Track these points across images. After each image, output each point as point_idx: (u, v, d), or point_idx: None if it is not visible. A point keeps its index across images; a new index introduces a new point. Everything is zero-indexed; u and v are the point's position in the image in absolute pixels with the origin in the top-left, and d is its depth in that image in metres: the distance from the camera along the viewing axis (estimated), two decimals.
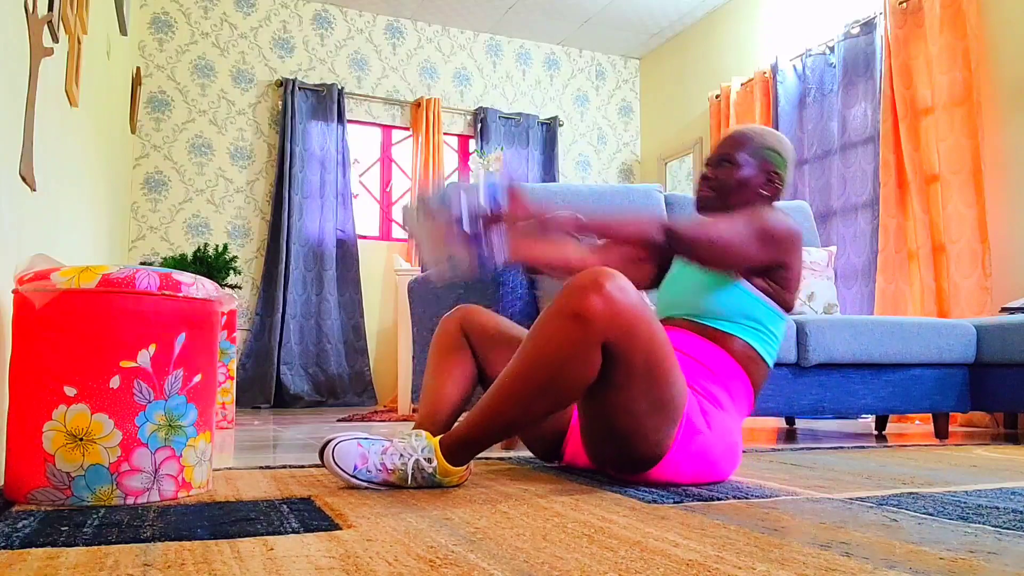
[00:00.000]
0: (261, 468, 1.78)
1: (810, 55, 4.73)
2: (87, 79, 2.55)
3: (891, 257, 4.00)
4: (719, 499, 1.35)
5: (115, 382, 1.29)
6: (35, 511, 1.21)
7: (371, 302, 5.60)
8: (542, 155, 6.11)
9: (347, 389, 5.33)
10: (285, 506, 1.26)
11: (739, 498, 1.36)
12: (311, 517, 1.16)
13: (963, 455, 2.22)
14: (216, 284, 1.48)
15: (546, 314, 1.39)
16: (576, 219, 1.49)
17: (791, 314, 1.64)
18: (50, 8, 1.83)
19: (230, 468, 1.80)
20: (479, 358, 1.73)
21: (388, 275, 5.65)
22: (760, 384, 1.64)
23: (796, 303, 1.67)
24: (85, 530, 1.07)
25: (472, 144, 5.99)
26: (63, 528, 1.08)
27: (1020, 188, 3.60)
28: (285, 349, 5.15)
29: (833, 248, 3.51)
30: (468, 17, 5.86)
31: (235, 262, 4.02)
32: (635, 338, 1.37)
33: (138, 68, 4.70)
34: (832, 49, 4.59)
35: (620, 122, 6.53)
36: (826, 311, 3.25)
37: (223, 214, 5.28)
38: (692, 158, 5.87)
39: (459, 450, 1.43)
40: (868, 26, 4.34)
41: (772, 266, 1.59)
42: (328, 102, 5.48)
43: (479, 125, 5.89)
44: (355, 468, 1.42)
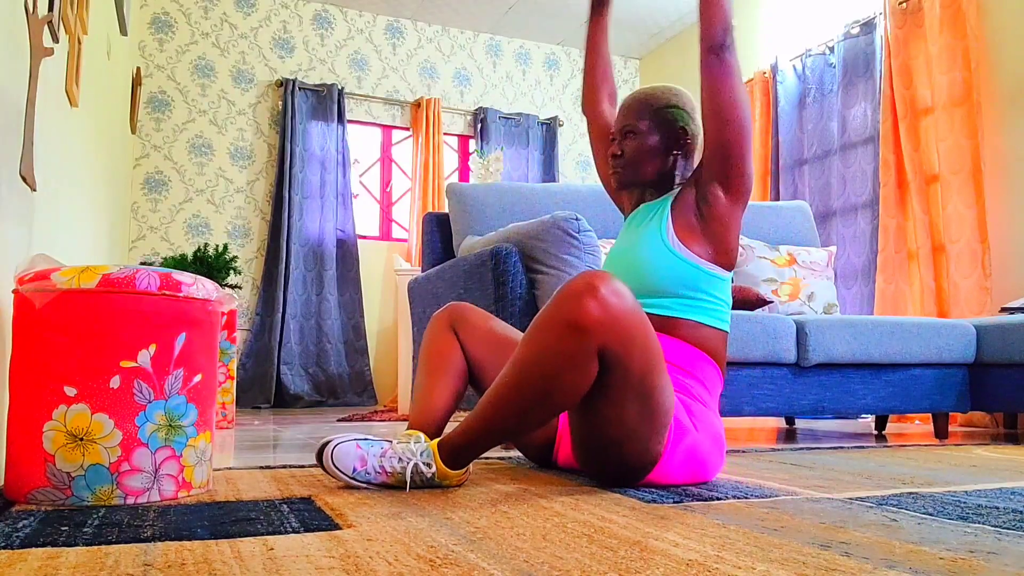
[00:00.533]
0: (261, 468, 1.78)
1: (810, 55, 4.73)
2: (87, 79, 2.55)
3: (891, 257, 4.00)
4: (719, 499, 1.35)
5: (115, 382, 1.29)
6: (35, 511, 1.21)
7: (371, 302, 5.60)
8: (542, 155, 6.11)
9: (347, 389, 5.33)
10: (285, 506, 1.26)
11: (739, 498, 1.36)
12: (311, 517, 1.16)
13: (963, 455, 2.22)
14: (216, 284, 1.48)
15: (541, 321, 1.36)
16: None
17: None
18: (50, 8, 1.83)
19: (230, 468, 1.80)
20: (469, 357, 1.71)
21: (388, 275, 5.65)
22: (723, 354, 1.60)
23: (738, 258, 1.64)
24: (85, 530, 1.07)
25: (472, 144, 5.99)
26: (63, 528, 1.08)
27: (1020, 188, 3.60)
28: (285, 349, 5.15)
29: (833, 248, 3.51)
30: (468, 17, 5.86)
31: (235, 262, 4.02)
32: (632, 345, 1.35)
33: (138, 68, 4.70)
34: (832, 49, 4.59)
35: None
36: (826, 311, 3.25)
37: (223, 214, 5.28)
38: None
39: (457, 454, 1.43)
40: (868, 26, 4.34)
41: (734, 163, 1.53)
42: (328, 102, 5.48)
43: (479, 125, 5.89)
44: (354, 470, 1.42)
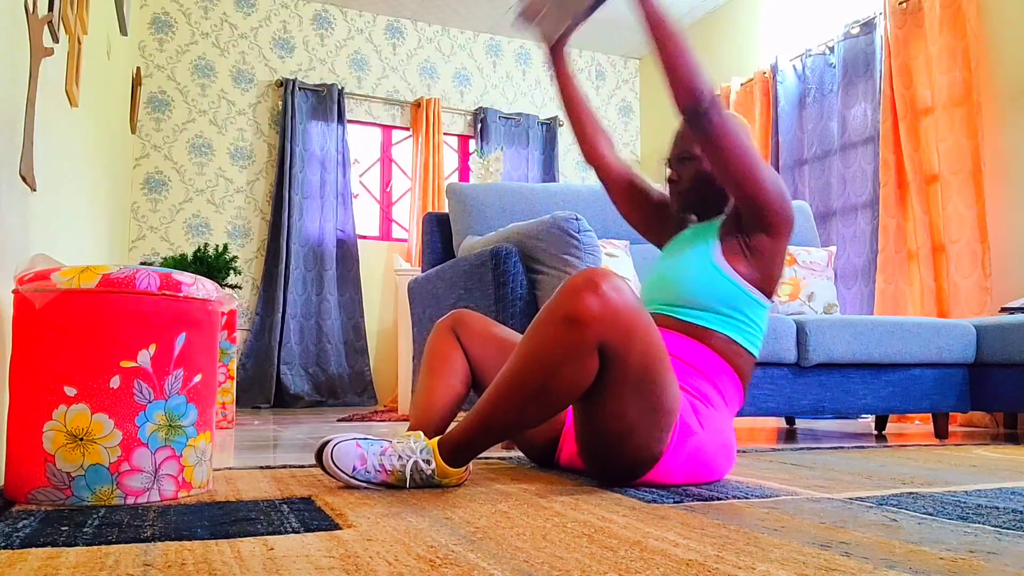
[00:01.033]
0: (261, 468, 1.78)
1: (810, 55, 4.73)
2: (87, 79, 2.55)
3: (891, 257, 4.00)
4: (719, 499, 1.35)
5: (115, 382, 1.29)
6: (35, 511, 1.21)
7: (371, 302, 5.60)
8: (542, 155, 6.11)
9: (347, 389, 5.33)
10: (285, 506, 1.26)
11: (739, 498, 1.36)
12: (311, 517, 1.16)
13: (963, 455, 2.22)
14: (216, 284, 1.48)
15: (541, 316, 1.37)
16: (663, 16, 1.48)
17: (793, 315, 1.65)
18: (50, 8, 1.83)
19: (230, 468, 1.80)
20: (472, 360, 1.73)
21: (388, 275, 5.65)
22: (747, 376, 1.61)
23: (779, 291, 1.66)
24: (85, 530, 1.07)
25: (472, 144, 5.99)
26: (63, 528, 1.08)
27: (1020, 188, 3.60)
28: (285, 349, 5.15)
29: (833, 248, 3.51)
30: (468, 17, 5.86)
31: (235, 262, 4.02)
32: (632, 340, 1.35)
33: (138, 68, 4.70)
34: (832, 49, 4.59)
35: (620, 122, 6.53)
36: (826, 311, 3.25)
37: (223, 214, 5.28)
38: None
39: (457, 452, 1.43)
40: (868, 26, 4.35)
41: (764, 213, 1.53)
42: (328, 102, 5.48)
43: (479, 125, 5.89)
44: (354, 469, 1.42)
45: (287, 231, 5.24)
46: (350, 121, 5.65)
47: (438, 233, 3.14)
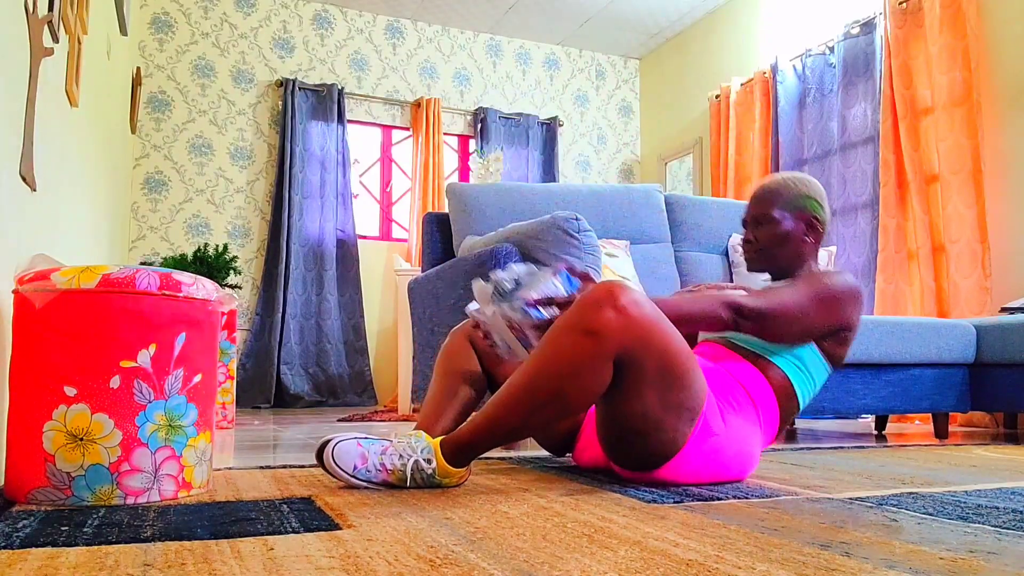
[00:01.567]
0: (261, 468, 1.78)
1: (810, 55, 4.73)
2: (87, 79, 2.55)
3: (891, 257, 4.00)
4: (719, 499, 1.35)
5: (115, 382, 1.29)
6: (35, 511, 1.21)
7: (371, 302, 5.60)
8: (542, 155, 6.11)
9: (347, 389, 5.33)
10: (285, 506, 1.26)
11: (739, 498, 1.36)
12: (311, 517, 1.16)
13: (963, 455, 2.22)
14: (216, 284, 1.48)
15: (559, 327, 1.38)
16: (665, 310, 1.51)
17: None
18: (50, 8, 1.83)
19: (230, 468, 1.80)
20: (489, 365, 1.73)
21: (388, 275, 5.65)
22: (787, 418, 1.64)
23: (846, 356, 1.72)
24: (85, 530, 1.07)
25: (472, 144, 5.99)
26: (63, 528, 1.08)
27: (1020, 188, 3.60)
28: (285, 349, 5.15)
29: (833, 248, 3.51)
30: (468, 17, 5.86)
31: (235, 262, 4.02)
32: (648, 348, 1.37)
33: (138, 68, 4.70)
34: (832, 49, 4.59)
35: (620, 122, 6.53)
36: None
37: (223, 214, 5.28)
38: (692, 158, 5.88)
39: (460, 452, 1.43)
40: (868, 26, 4.34)
41: (837, 330, 1.61)
42: (328, 102, 5.48)
43: (479, 125, 5.89)
44: (355, 468, 1.42)
45: (287, 231, 5.24)
46: (350, 121, 5.65)
47: (438, 233, 3.14)
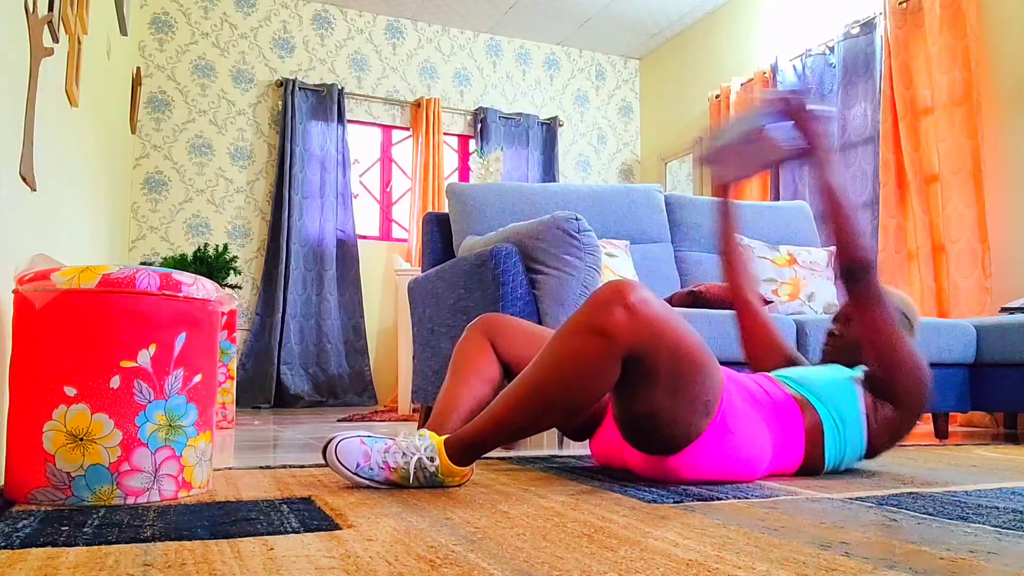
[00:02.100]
0: (261, 468, 1.78)
1: (810, 55, 4.73)
2: (87, 79, 2.55)
3: (891, 257, 4.00)
4: (719, 499, 1.35)
5: (115, 382, 1.29)
6: (35, 511, 1.21)
7: (371, 302, 5.60)
8: (542, 155, 6.11)
9: (347, 389, 5.33)
10: (285, 506, 1.26)
11: (739, 498, 1.36)
12: (311, 517, 1.16)
13: (963, 455, 2.22)
14: (216, 284, 1.48)
15: (568, 326, 1.38)
16: (839, 187, 1.62)
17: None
18: (50, 8, 1.83)
19: (230, 468, 1.80)
20: (509, 361, 1.70)
21: (388, 275, 5.65)
22: (806, 464, 1.64)
23: (883, 453, 1.76)
24: (85, 530, 1.07)
25: (472, 144, 5.99)
26: (63, 528, 1.08)
27: (1020, 188, 3.60)
28: (285, 349, 5.15)
29: (833, 248, 3.51)
30: (468, 17, 5.86)
31: (235, 262, 4.02)
32: (659, 346, 1.36)
33: (138, 68, 4.70)
34: (832, 49, 4.59)
35: (620, 122, 6.53)
36: (826, 311, 3.25)
37: (223, 214, 5.28)
38: (692, 158, 5.88)
39: (464, 450, 1.43)
40: (868, 26, 4.34)
41: (895, 388, 1.63)
42: (328, 102, 5.48)
43: (479, 125, 5.89)
44: (357, 466, 1.42)
45: (287, 231, 5.24)
46: (350, 121, 5.65)
47: (438, 233, 3.14)
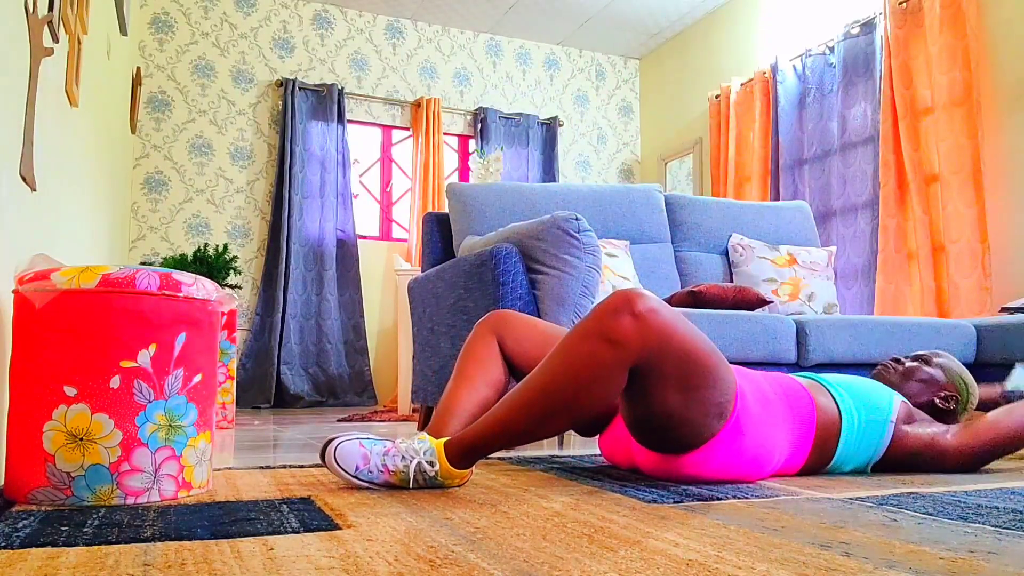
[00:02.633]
0: (261, 468, 1.78)
1: (810, 55, 4.73)
2: (87, 79, 2.55)
3: (891, 257, 4.00)
4: (719, 499, 1.35)
5: (115, 382, 1.29)
6: (35, 511, 1.21)
7: (371, 302, 5.60)
8: (542, 155, 6.11)
9: (347, 389, 5.33)
10: (285, 506, 1.26)
11: (739, 498, 1.36)
12: (311, 517, 1.16)
13: None
14: (216, 284, 1.48)
15: (576, 333, 1.37)
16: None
17: (792, 315, 1.74)
18: (50, 8, 1.83)
19: (230, 468, 1.80)
20: (517, 361, 1.69)
21: (388, 275, 5.65)
22: (818, 456, 1.64)
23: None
24: (85, 530, 1.07)
25: (472, 144, 5.99)
26: (63, 528, 1.08)
27: (1020, 188, 3.60)
28: (285, 349, 5.15)
29: (833, 248, 3.51)
30: (468, 17, 5.86)
31: (235, 262, 4.02)
32: (667, 354, 1.36)
33: (138, 68, 4.70)
34: (832, 49, 4.59)
35: (620, 122, 6.53)
36: (826, 311, 3.25)
37: (223, 214, 5.28)
38: (692, 158, 5.88)
39: (465, 453, 1.42)
40: (868, 26, 4.34)
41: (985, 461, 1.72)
42: (328, 102, 5.48)
43: (479, 125, 5.89)
44: (357, 469, 1.42)
45: (287, 231, 5.24)
46: (350, 121, 5.65)
47: (438, 233, 3.14)
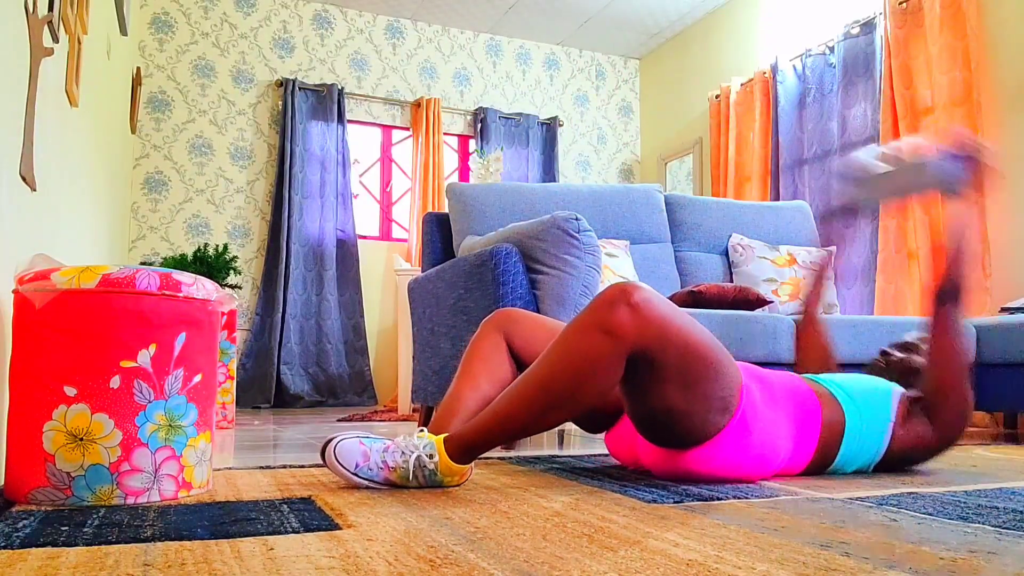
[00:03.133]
0: (261, 468, 1.78)
1: (810, 55, 4.73)
2: (87, 79, 2.55)
3: (891, 257, 4.00)
4: (719, 499, 1.35)
5: (115, 382, 1.29)
6: (35, 511, 1.21)
7: (371, 302, 5.60)
8: (542, 155, 6.11)
9: (347, 389, 5.33)
10: (285, 506, 1.26)
11: (739, 498, 1.36)
12: (311, 517, 1.16)
13: (963, 455, 2.22)
14: (216, 284, 1.48)
15: (573, 326, 1.38)
16: (973, 221, 1.70)
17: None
18: (50, 8, 1.83)
19: (230, 468, 1.80)
20: (526, 357, 1.68)
21: (388, 275, 5.65)
22: (818, 457, 1.64)
23: (899, 466, 1.80)
24: (85, 530, 1.07)
25: (472, 144, 5.99)
26: (63, 528, 1.08)
27: (1020, 188, 3.60)
28: (285, 349, 5.15)
29: (833, 248, 3.51)
30: (468, 17, 5.86)
31: (235, 262, 4.02)
32: (666, 345, 1.36)
33: (138, 68, 4.70)
34: (832, 49, 4.59)
35: (620, 122, 6.53)
36: (826, 311, 3.25)
37: (223, 214, 5.28)
38: (692, 158, 5.88)
39: (465, 448, 1.42)
40: (868, 26, 4.34)
41: (942, 409, 1.66)
42: (328, 102, 5.48)
43: (479, 125, 5.89)
44: (356, 466, 1.42)
45: (287, 231, 5.24)
46: (350, 121, 5.65)
47: (438, 233, 3.14)
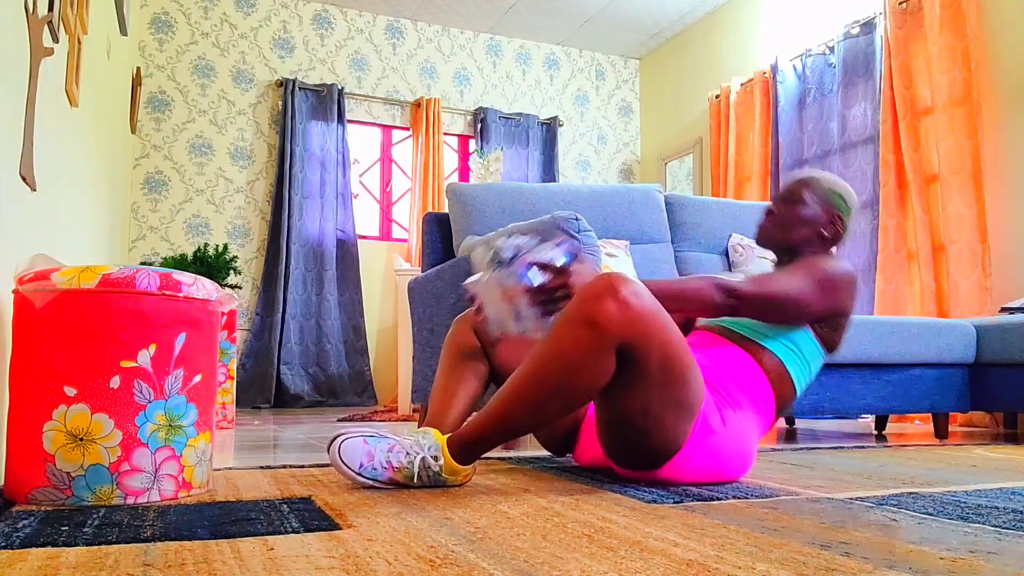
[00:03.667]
0: (261, 468, 1.78)
1: (810, 55, 4.73)
2: (87, 79, 2.55)
3: (891, 257, 4.00)
4: (719, 499, 1.35)
5: (115, 382, 1.29)
6: (35, 511, 1.21)
7: (371, 302, 5.60)
8: (542, 155, 6.11)
9: (347, 389, 5.33)
10: (285, 506, 1.26)
11: (739, 498, 1.36)
12: (311, 517, 1.16)
13: (963, 455, 2.22)
14: (216, 284, 1.48)
15: (562, 319, 1.39)
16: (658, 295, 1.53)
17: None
18: (50, 8, 1.83)
19: (230, 468, 1.80)
20: (491, 359, 1.74)
21: (388, 275, 5.65)
22: (784, 405, 1.65)
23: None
24: (85, 530, 1.07)
25: (472, 144, 5.99)
26: (63, 528, 1.08)
27: (1020, 188, 3.60)
28: (285, 349, 5.15)
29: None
30: (468, 17, 5.86)
31: (235, 262, 4.02)
32: (650, 341, 1.37)
33: (138, 68, 4.70)
34: (832, 49, 4.59)
35: (620, 122, 6.53)
36: None
37: (223, 214, 5.28)
38: (692, 158, 5.88)
39: (467, 449, 1.43)
40: (868, 26, 4.34)
41: (833, 315, 1.64)
42: (328, 102, 5.48)
43: (479, 125, 5.89)
44: (361, 466, 1.42)
45: (287, 231, 5.24)
46: (350, 121, 5.65)
47: (438, 233, 3.14)
